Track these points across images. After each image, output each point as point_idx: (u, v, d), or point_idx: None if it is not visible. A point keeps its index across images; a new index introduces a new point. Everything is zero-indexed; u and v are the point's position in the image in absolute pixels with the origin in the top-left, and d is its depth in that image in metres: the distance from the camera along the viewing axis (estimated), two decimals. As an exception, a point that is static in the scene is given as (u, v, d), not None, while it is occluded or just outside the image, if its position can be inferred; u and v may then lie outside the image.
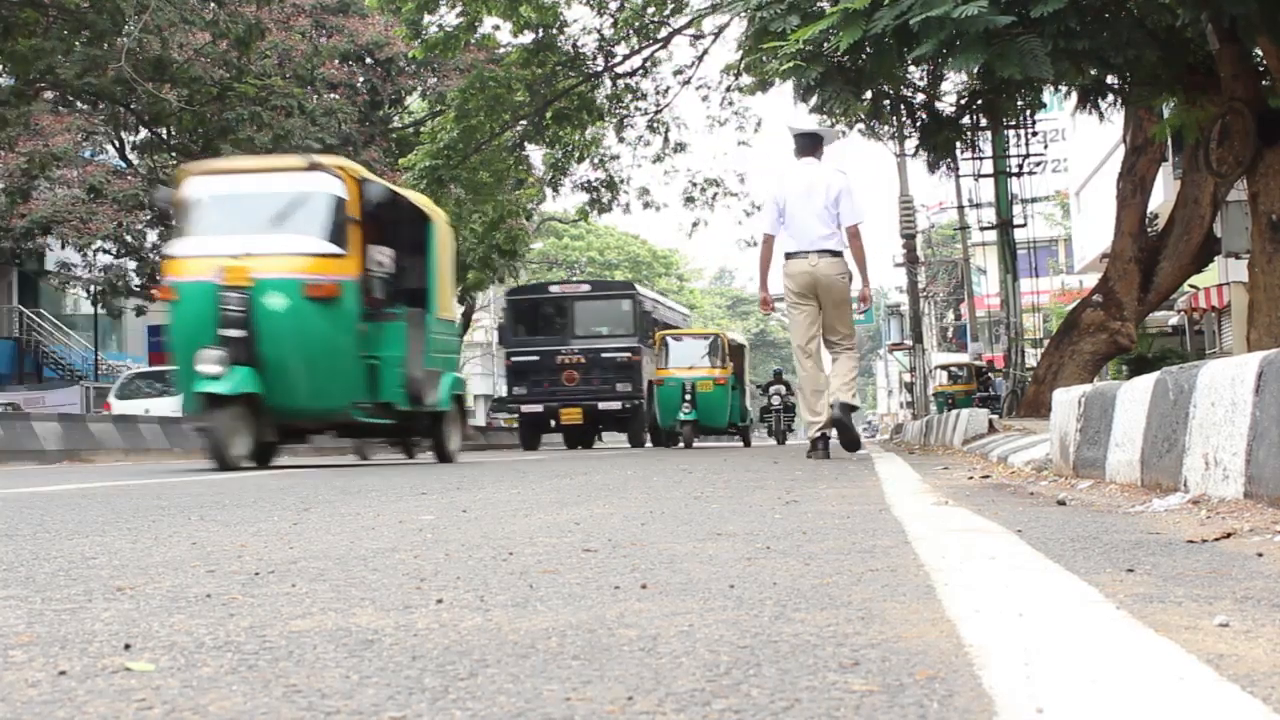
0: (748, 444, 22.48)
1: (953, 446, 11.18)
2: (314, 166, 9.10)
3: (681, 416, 19.74)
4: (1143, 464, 4.10)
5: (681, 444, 19.38)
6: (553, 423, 22.34)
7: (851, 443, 8.50)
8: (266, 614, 1.94)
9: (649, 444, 22.71)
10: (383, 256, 9.19)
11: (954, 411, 13.48)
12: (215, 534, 3.36)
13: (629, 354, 22.08)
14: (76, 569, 2.55)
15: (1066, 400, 5.42)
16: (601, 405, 21.82)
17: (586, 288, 24.37)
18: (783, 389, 28.44)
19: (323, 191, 8.93)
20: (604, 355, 22.18)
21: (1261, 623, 1.71)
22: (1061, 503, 4.01)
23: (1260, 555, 2.42)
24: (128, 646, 1.66)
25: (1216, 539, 2.69)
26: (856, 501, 4.32)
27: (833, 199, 7.75)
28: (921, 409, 33.71)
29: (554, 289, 24.27)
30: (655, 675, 1.44)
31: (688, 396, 19.59)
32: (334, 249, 8.79)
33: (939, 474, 6.50)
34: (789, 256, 7.94)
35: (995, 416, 12.29)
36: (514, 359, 22.96)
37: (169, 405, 17.55)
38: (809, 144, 8.11)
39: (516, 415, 24.56)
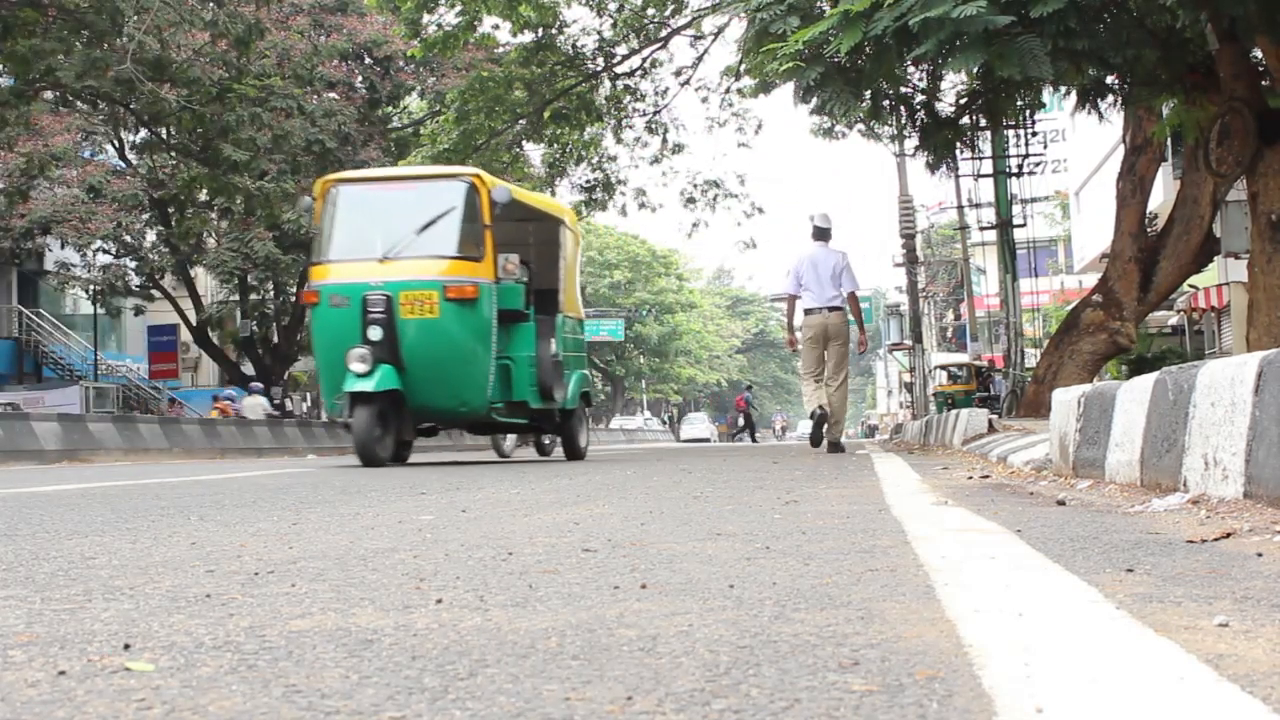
0: (574, 453, 11.06)
1: (952, 446, 11.18)
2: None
3: (350, 383, 8.74)
4: (1142, 464, 4.10)
5: (359, 455, 8.88)
6: None
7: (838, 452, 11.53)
8: (266, 614, 1.94)
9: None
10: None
11: (954, 411, 13.49)
12: (215, 534, 3.36)
13: None
14: (76, 569, 2.55)
15: (1066, 400, 5.43)
16: None
17: None
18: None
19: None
20: None
21: (1261, 623, 1.71)
22: (1061, 503, 4.01)
23: (1260, 555, 2.42)
24: (127, 646, 1.66)
25: (1216, 539, 2.69)
26: (856, 501, 4.32)
27: (838, 273, 10.79)
28: (921, 409, 33.72)
29: None
30: (655, 675, 1.44)
31: (372, 334, 8.75)
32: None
33: (938, 474, 6.50)
34: (807, 312, 10.90)
35: (995, 416, 12.30)
36: None
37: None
38: (821, 233, 11.19)
39: None
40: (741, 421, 43.30)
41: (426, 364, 8.88)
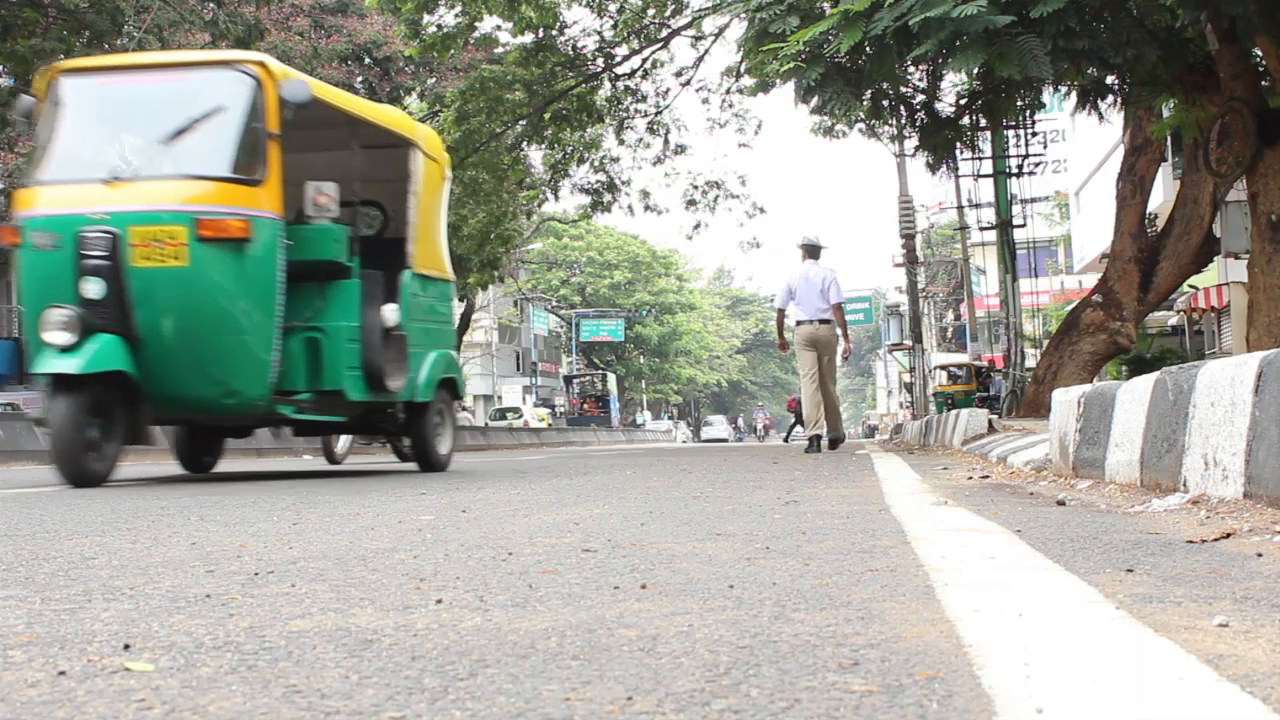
0: (429, 461, 8.29)
1: (952, 447, 11.20)
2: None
3: (46, 360, 6.15)
4: (1142, 464, 4.10)
5: (57, 466, 6.15)
6: None
7: (837, 445, 12.13)
8: (266, 614, 1.94)
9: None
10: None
11: (954, 411, 13.49)
12: (215, 534, 3.36)
13: None
14: (76, 569, 2.55)
15: (1066, 400, 5.43)
16: None
17: None
18: None
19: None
20: None
21: (1261, 623, 1.71)
22: (1061, 503, 4.01)
23: (1260, 555, 2.42)
24: (127, 646, 1.66)
25: (1216, 539, 2.69)
26: (856, 502, 4.32)
27: (826, 287, 11.53)
28: (921, 409, 33.71)
29: None
30: (655, 675, 1.44)
31: (88, 289, 6.20)
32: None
33: (938, 474, 6.50)
34: (799, 323, 11.63)
35: (995, 416, 12.32)
36: None
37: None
38: (811, 251, 11.84)
39: None
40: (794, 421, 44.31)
41: (171, 335, 6.32)
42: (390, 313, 7.47)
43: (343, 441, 10.75)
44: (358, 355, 7.25)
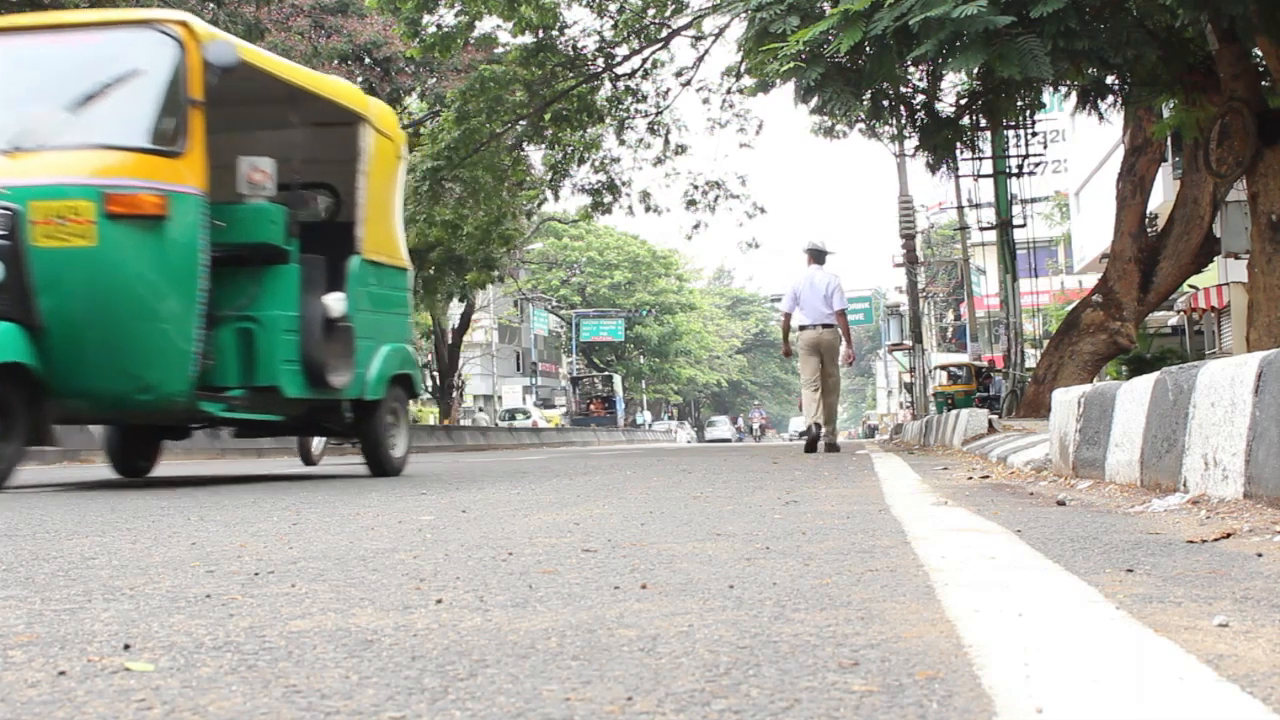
0: (380, 464, 7.51)
1: (952, 447, 11.20)
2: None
3: None
4: (1142, 464, 4.10)
5: None
6: None
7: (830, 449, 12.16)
8: (266, 614, 1.94)
9: None
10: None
11: (954, 412, 13.50)
12: (215, 534, 3.36)
13: None
14: (76, 569, 2.55)
15: (1066, 400, 5.43)
16: None
17: None
18: None
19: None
20: None
21: (1261, 623, 1.71)
22: (1061, 503, 4.01)
23: (1260, 555, 2.42)
24: (127, 646, 1.66)
25: (1216, 539, 2.69)
26: (856, 502, 4.32)
27: (830, 293, 11.61)
28: (921, 409, 33.71)
29: None
30: (655, 675, 1.44)
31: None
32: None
33: (938, 474, 6.50)
34: (802, 328, 11.78)
35: (995, 417, 12.34)
36: None
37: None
38: (816, 256, 11.98)
39: None
40: None
41: (77, 323, 5.66)
42: (334, 302, 6.85)
43: (317, 442, 10.33)
44: (295, 348, 6.63)
